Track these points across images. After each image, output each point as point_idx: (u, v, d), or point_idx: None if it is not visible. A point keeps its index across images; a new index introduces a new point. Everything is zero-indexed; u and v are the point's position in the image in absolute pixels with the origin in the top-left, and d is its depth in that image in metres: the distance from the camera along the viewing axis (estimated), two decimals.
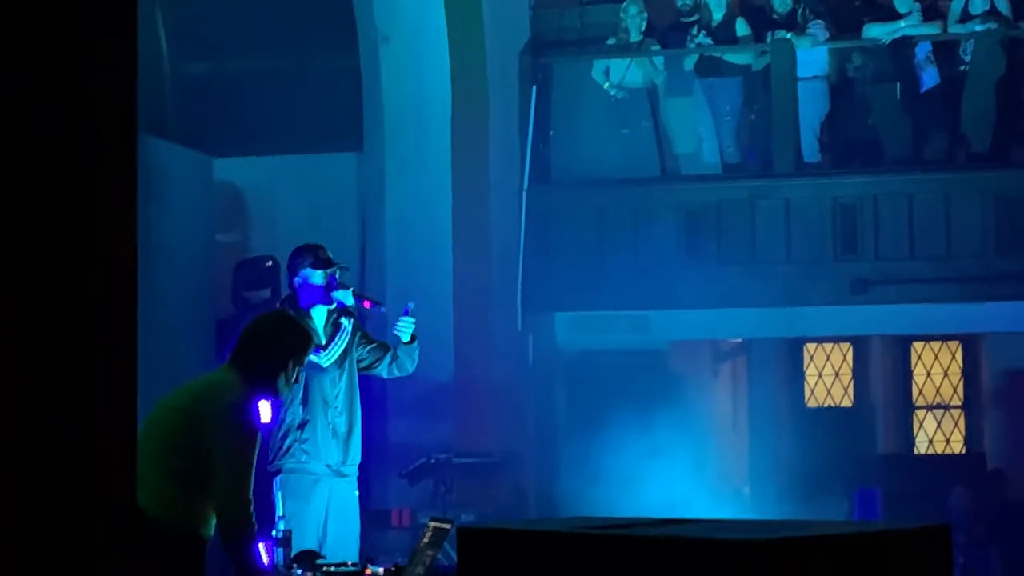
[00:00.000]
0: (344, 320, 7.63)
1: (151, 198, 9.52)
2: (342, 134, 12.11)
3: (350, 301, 7.67)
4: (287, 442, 7.43)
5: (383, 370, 7.78)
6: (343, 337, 7.61)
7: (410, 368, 7.86)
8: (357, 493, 7.59)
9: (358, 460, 7.58)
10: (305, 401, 7.47)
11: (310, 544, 6.91)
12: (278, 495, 7.04)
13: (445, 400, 11.30)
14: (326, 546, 7.22)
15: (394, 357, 7.78)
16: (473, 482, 10.82)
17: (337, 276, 7.62)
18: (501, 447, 11.18)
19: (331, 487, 7.48)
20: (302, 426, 7.44)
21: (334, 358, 7.58)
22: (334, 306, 7.61)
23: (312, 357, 7.20)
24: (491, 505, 10.66)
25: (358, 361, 7.69)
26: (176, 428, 5.41)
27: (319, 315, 7.57)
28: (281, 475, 7.37)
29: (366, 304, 7.85)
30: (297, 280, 7.60)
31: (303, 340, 5.81)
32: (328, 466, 7.47)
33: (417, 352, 7.81)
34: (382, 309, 8.12)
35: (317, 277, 7.56)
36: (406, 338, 7.76)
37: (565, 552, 3.35)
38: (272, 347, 5.62)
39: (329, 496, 7.46)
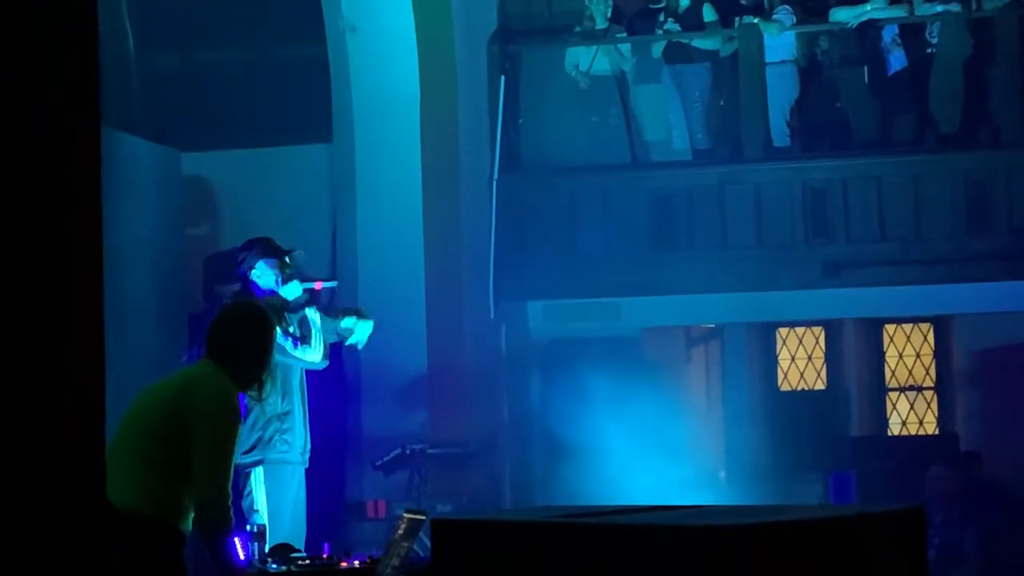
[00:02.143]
0: (309, 311, 7.63)
1: (120, 193, 9.47)
2: (311, 126, 12.09)
3: (299, 291, 7.68)
4: (268, 433, 7.40)
5: None
6: (317, 329, 7.62)
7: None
8: None
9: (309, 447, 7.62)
10: (283, 391, 7.46)
11: (286, 533, 6.89)
12: (258, 488, 7.01)
13: (419, 391, 11.29)
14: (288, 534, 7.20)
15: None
16: (448, 472, 10.82)
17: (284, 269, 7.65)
18: (475, 437, 11.17)
19: (299, 476, 7.50)
20: (282, 416, 7.42)
21: (323, 349, 7.63)
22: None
23: (306, 355, 7.25)
24: (466, 495, 10.66)
25: None
26: (158, 420, 5.40)
27: None
28: (263, 466, 7.33)
29: (318, 286, 7.89)
30: (255, 273, 7.59)
31: (276, 331, 5.84)
32: (300, 454, 7.50)
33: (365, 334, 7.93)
34: (334, 283, 8.18)
35: (272, 267, 7.58)
36: (360, 339, 7.85)
37: (539, 541, 3.35)
38: (258, 345, 5.59)
39: (297, 485, 7.48)
